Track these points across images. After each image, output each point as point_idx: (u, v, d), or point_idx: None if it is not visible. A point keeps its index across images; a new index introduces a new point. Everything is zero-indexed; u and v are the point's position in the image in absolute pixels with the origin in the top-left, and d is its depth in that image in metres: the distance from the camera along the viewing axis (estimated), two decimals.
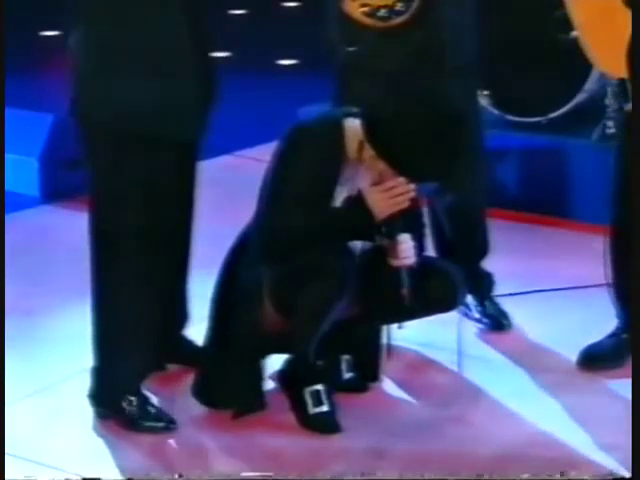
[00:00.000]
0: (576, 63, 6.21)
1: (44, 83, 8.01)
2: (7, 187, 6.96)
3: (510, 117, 6.31)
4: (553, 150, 6.48)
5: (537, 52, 6.38)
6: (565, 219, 6.34)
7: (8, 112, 7.30)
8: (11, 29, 10.31)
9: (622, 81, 4.70)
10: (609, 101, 6.33)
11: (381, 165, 4.41)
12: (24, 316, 5.53)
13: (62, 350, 5.24)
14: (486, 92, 6.14)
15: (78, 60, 4.57)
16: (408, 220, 4.59)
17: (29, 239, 6.50)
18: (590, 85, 6.39)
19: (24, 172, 7.04)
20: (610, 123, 6.32)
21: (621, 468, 4.43)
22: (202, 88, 4.66)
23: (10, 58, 9.44)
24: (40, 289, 5.88)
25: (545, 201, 6.39)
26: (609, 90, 6.32)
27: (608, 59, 4.90)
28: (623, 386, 4.78)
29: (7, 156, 7.11)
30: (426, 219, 5.02)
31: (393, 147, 4.42)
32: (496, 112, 6.29)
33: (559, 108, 6.47)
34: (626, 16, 4.44)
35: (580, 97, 6.44)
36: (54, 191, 6.95)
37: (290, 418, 4.62)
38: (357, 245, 4.56)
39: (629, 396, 4.45)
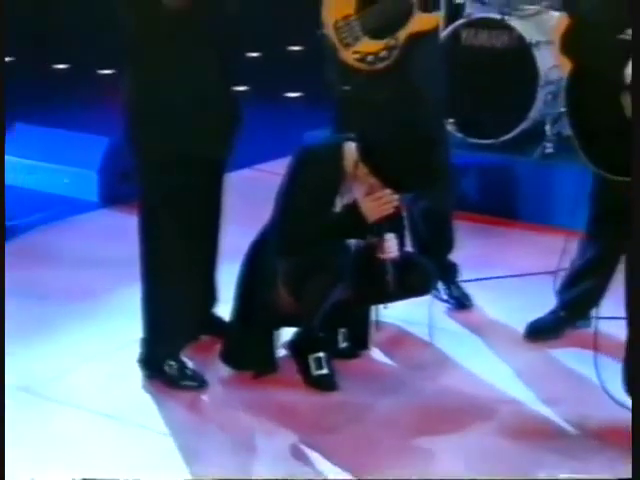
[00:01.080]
0: (521, 98, 6.36)
1: (102, 112, 7.92)
2: (72, 194, 7.02)
3: (470, 140, 6.27)
4: (504, 166, 6.43)
5: (491, 89, 6.32)
6: (513, 220, 6.30)
7: (73, 135, 7.32)
8: (76, 70, 10.35)
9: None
10: (548, 127, 6.29)
11: (372, 180, 4.42)
12: (88, 296, 5.50)
13: (117, 323, 5.21)
14: (451, 120, 6.07)
15: (129, 95, 4.53)
16: (392, 223, 4.58)
17: (90, 236, 6.41)
18: (533, 115, 6.33)
19: (86, 182, 6.93)
20: (549, 144, 6.28)
21: (561, 420, 4.42)
22: (229, 116, 4.62)
23: (75, 93, 9.39)
24: (98, 274, 5.80)
25: (498, 206, 6.31)
26: (547, 119, 6.30)
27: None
28: (560, 353, 4.92)
29: (71, 169, 7.10)
30: (406, 222, 5.00)
31: (381, 166, 4.41)
32: (459, 136, 6.26)
33: (508, 133, 6.40)
34: None
35: (525, 124, 6.38)
36: (110, 198, 6.82)
37: (297, 379, 4.63)
38: (352, 242, 4.56)
39: (565, 361, 4.88)
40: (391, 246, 4.57)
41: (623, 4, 3.96)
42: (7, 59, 10.46)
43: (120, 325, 5.14)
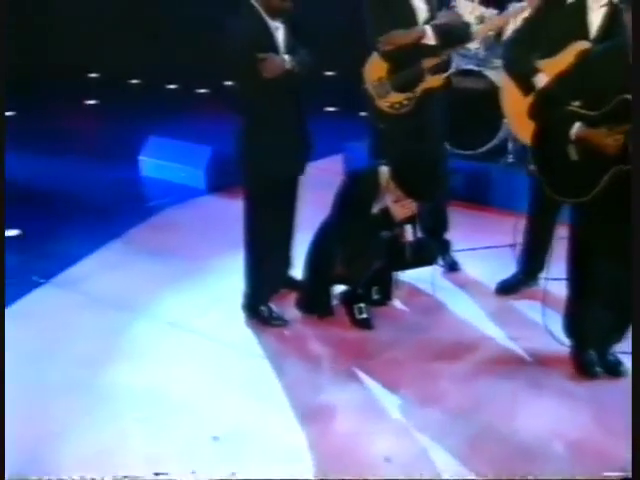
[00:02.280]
0: (492, 124, 6.14)
1: (204, 125, 7.78)
2: (188, 184, 6.72)
3: (458, 151, 6.11)
4: (480, 169, 6.23)
5: (472, 117, 6.14)
6: (487, 207, 6.07)
7: (188, 144, 6.95)
8: (184, 91, 9.95)
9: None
10: (509, 144, 6.15)
11: (398, 192, 4.40)
12: (199, 259, 5.38)
13: (222, 281, 5.05)
14: None
15: (240, 133, 4.44)
16: (411, 219, 4.59)
17: (199, 215, 6.25)
18: (499, 135, 6.18)
19: (197, 177, 6.70)
20: (510, 156, 6.16)
21: (521, 352, 4.36)
22: (306, 146, 4.52)
23: (185, 110, 8.91)
24: (207, 241, 5.65)
25: (476, 197, 6.09)
26: (509, 138, 6.12)
27: (521, 132, 4.51)
28: (519, 304, 4.82)
29: (187, 168, 6.79)
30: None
31: (404, 183, 4.39)
32: (449, 148, 5.81)
33: (483, 147, 6.27)
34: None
35: (494, 142, 6.24)
36: (212, 187, 6.63)
37: (346, 320, 4.63)
38: (385, 233, 4.53)
39: (522, 310, 4.75)
40: (409, 234, 4.62)
41: (576, 82, 3.75)
42: (134, 81, 10.21)
43: (224, 280, 5.01)
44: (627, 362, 4.07)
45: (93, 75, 10.34)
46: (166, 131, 7.35)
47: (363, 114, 5.65)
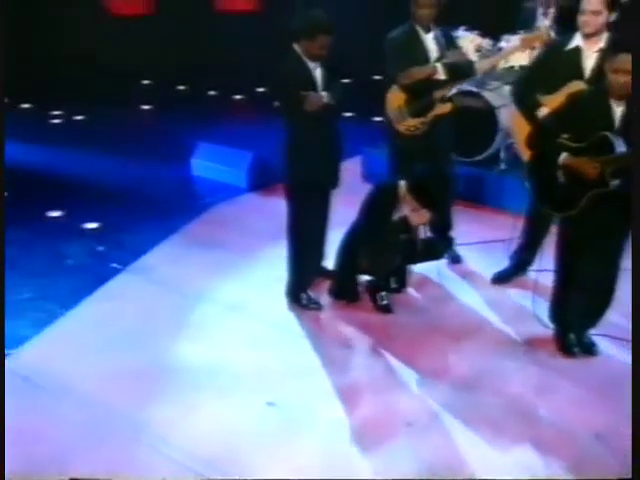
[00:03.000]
0: (488, 136, 6.12)
1: (244, 132, 7.70)
2: (233, 184, 6.55)
3: (459, 158, 5.82)
4: (478, 174, 6.11)
5: (472, 130, 5.98)
6: (484, 206, 5.94)
7: (232, 149, 6.79)
8: (222, 97, 9.63)
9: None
10: (502, 154, 6.09)
11: (415, 203, 4.43)
12: (246, 251, 5.31)
13: (267, 271, 5.00)
14: None
15: (286, 149, 4.40)
16: (424, 224, 4.57)
17: (241, 211, 6.16)
18: (494, 145, 6.11)
19: (240, 178, 6.60)
20: (503, 164, 6.11)
21: (513, 334, 4.36)
22: (338, 152, 4.49)
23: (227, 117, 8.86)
24: (250, 237, 5.51)
25: (475, 197, 5.96)
26: (502, 148, 6.08)
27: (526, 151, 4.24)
28: (511, 292, 4.78)
29: (232, 169, 6.62)
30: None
31: (419, 195, 4.41)
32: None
33: (480, 155, 6.18)
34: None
35: (489, 151, 6.17)
36: (253, 187, 6.53)
37: (370, 306, 4.62)
38: (403, 236, 4.54)
39: (514, 297, 4.72)
40: (421, 234, 4.62)
41: (565, 119, 3.81)
42: (181, 87, 9.89)
43: (269, 270, 4.98)
44: (600, 344, 4.22)
45: (145, 82, 10.22)
46: (210, 134, 7.26)
47: (377, 119, 5.61)
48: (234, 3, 11.32)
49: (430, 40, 4.78)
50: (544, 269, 4.44)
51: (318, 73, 4.30)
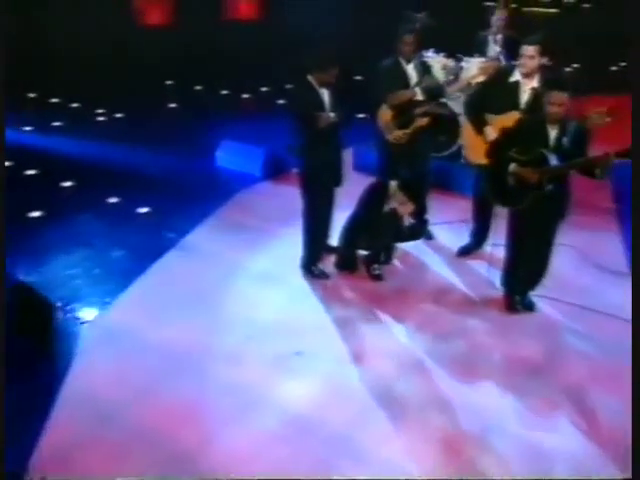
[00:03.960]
0: (452, 137, 6.34)
1: (262, 134, 7.30)
2: (250, 173, 6.60)
3: (432, 154, 5.49)
4: (446, 166, 6.21)
5: (439, 134, 6.08)
6: (448, 191, 5.99)
7: (249, 146, 6.78)
8: (234, 95, 9.66)
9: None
10: (463, 151, 6.05)
11: (403, 197, 4.68)
12: (269, 231, 5.39)
13: (285, 248, 5.05)
14: None
15: (303, 156, 4.54)
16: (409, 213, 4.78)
17: (256, 198, 6.22)
18: (457, 143, 6.29)
19: (254, 168, 6.69)
20: (462, 159, 6.10)
21: (473, 296, 4.52)
22: (341, 160, 4.64)
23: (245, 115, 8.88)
24: (267, 217, 5.63)
25: (445, 185, 6.02)
26: (462, 147, 6.08)
27: (471, 156, 4.84)
28: (472, 263, 4.91)
29: (249, 162, 6.63)
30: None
31: (406, 192, 4.68)
32: None
33: (446, 151, 6.41)
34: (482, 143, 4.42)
35: (454, 148, 6.38)
36: (267, 176, 6.64)
37: (365, 275, 4.77)
38: (393, 223, 4.71)
39: (474, 267, 4.85)
40: (406, 220, 4.88)
41: (514, 138, 4.01)
42: (198, 87, 9.83)
43: (287, 247, 5.10)
44: (538, 302, 4.48)
45: (169, 82, 10.24)
46: (227, 129, 7.32)
47: (361, 116, 5.61)
48: (239, 12, 11.55)
49: (411, 69, 5.04)
50: (497, 244, 4.64)
51: (326, 97, 4.53)
